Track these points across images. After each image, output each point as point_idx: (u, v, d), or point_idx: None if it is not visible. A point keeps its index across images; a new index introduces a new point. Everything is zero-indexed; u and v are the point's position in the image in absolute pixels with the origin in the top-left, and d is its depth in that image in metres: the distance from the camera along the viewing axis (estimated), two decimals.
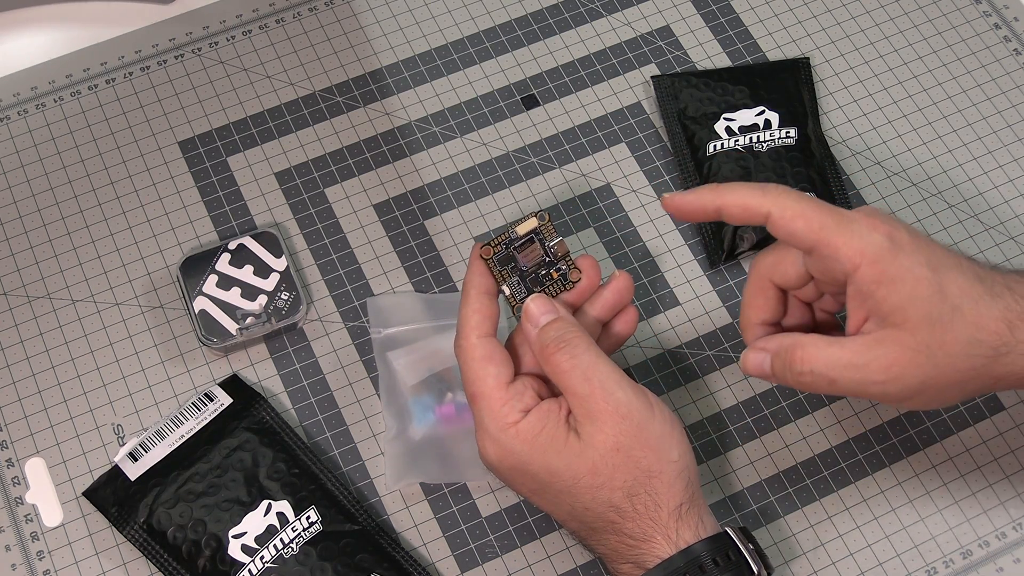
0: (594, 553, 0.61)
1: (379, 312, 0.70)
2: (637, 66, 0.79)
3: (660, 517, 0.57)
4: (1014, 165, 0.76)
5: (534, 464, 0.58)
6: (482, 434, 0.60)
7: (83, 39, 0.79)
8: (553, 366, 0.59)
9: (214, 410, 0.67)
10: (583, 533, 0.60)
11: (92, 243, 0.73)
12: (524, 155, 0.76)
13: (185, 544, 0.63)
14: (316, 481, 0.65)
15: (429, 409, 0.67)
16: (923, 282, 0.55)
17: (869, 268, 0.55)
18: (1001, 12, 0.82)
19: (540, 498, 0.60)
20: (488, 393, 0.59)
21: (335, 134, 0.77)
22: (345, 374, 0.69)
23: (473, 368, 0.60)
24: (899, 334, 0.55)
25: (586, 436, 0.57)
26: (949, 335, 0.55)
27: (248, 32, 0.80)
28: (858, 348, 0.56)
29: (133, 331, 0.70)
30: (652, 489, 0.57)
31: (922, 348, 0.55)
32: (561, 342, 0.59)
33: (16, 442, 0.68)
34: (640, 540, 0.57)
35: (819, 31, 0.81)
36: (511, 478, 0.60)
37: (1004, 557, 0.66)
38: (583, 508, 0.58)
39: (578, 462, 0.57)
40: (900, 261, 0.55)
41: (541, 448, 0.58)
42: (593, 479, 0.57)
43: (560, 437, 0.58)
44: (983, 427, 0.69)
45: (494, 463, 0.60)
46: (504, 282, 0.62)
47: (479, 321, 0.60)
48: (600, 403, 0.57)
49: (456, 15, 0.81)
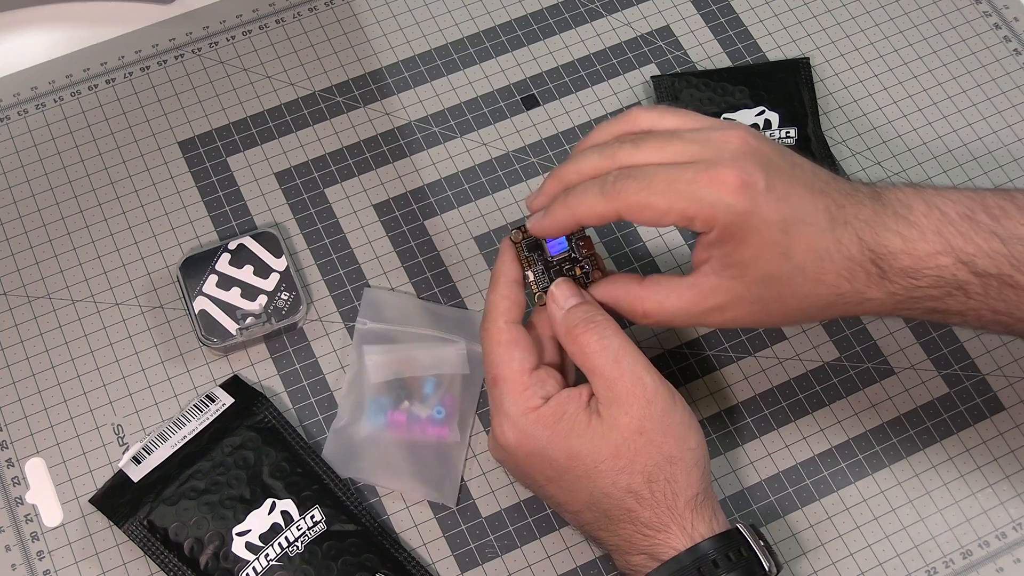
0: (604, 546, 0.61)
1: (372, 304, 0.70)
2: (637, 66, 0.79)
3: (677, 506, 0.57)
4: (1014, 166, 0.76)
5: (554, 448, 0.58)
6: (501, 418, 0.59)
7: (83, 39, 0.79)
8: (581, 346, 0.59)
9: (216, 411, 0.67)
10: (597, 523, 0.59)
11: (92, 243, 0.73)
12: (524, 155, 0.76)
13: (187, 541, 0.63)
14: (318, 481, 0.65)
15: (383, 411, 0.67)
16: (770, 246, 0.56)
17: (721, 232, 0.56)
18: (1001, 12, 0.82)
19: (556, 486, 0.59)
20: (512, 377, 0.59)
21: (335, 134, 0.77)
22: (345, 374, 0.69)
23: (499, 352, 0.60)
24: (735, 285, 0.57)
25: (609, 418, 0.57)
26: (786, 290, 0.57)
27: (248, 32, 0.80)
28: (695, 298, 0.58)
29: (133, 331, 0.70)
30: (672, 476, 0.57)
31: (756, 300, 0.57)
32: (591, 323, 0.59)
33: (16, 442, 0.67)
34: (656, 530, 0.57)
35: (819, 31, 0.81)
36: (528, 464, 0.60)
37: (1004, 557, 0.66)
38: (602, 493, 0.58)
39: (601, 443, 0.57)
40: (753, 223, 0.55)
41: (563, 432, 0.58)
42: (615, 462, 0.57)
43: (582, 421, 0.58)
44: (983, 427, 0.69)
45: (512, 447, 0.59)
46: (529, 268, 0.63)
47: (507, 307, 0.61)
48: (628, 385, 0.57)
49: (456, 15, 0.81)
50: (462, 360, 0.68)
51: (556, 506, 0.61)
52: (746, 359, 0.70)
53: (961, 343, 0.71)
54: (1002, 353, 0.71)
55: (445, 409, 0.67)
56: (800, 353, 0.71)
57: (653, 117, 0.60)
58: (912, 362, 0.71)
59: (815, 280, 0.56)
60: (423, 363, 0.68)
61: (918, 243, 0.56)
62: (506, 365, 0.59)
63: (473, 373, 0.68)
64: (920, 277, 0.56)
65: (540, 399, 0.59)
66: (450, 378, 0.68)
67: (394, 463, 0.66)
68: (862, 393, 0.70)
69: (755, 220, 0.55)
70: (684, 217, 0.56)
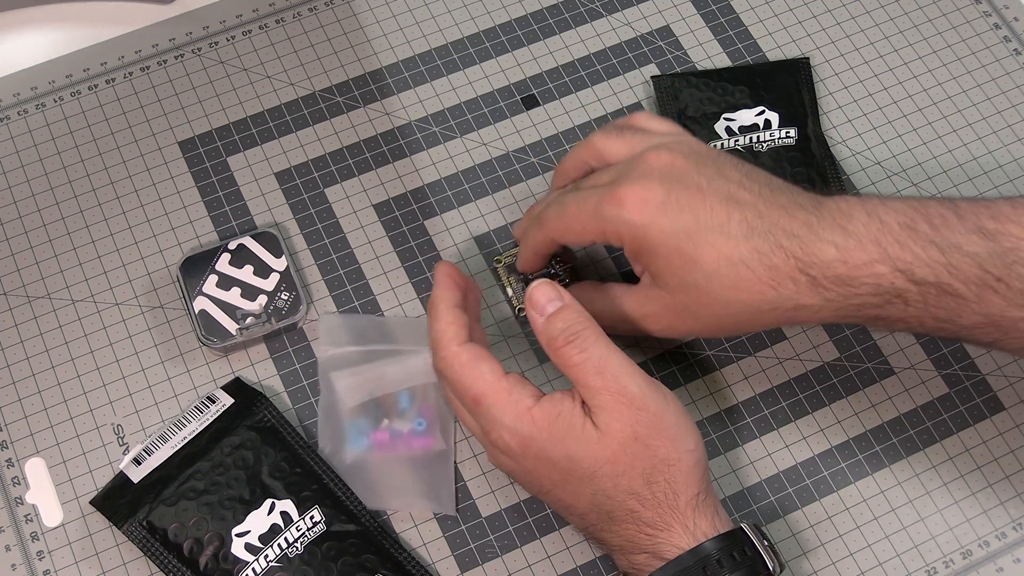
0: (606, 547, 0.61)
1: (330, 330, 0.70)
2: (637, 66, 0.79)
3: (678, 505, 0.57)
4: (1014, 165, 0.76)
5: (555, 451, 0.58)
6: (498, 430, 0.59)
7: (83, 39, 0.79)
8: (563, 359, 0.58)
9: (216, 411, 0.67)
10: (601, 524, 0.59)
11: (92, 243, 0.73)
12: (524, 155, 0.76)
13: (187, 542, 0.63)
14: (318, 481, 0.65)
15: (364, 434, 0.66)
16: (674, 253, 0.59)
17: (630, 245, 0.61)
18: (1001, 12, 0.82)
19: (562, 489, 0.59)
20: (491, 390, 0.59)
21: (335, 134, 0.77)
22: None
23: (465, 373, 0.59)
24: (662, 294, 0.61)
25: (603, 425, 0.57)
26: (706, 297, 0.59)
27: (248, 32, 0.80)
28: (634, 304, 0.63)
29: (133, 331, 0.70)
30: (671, 477, 0.57)
31: (682, 308, 0.61)
32: (570, 335, 0.58)
33: (16, 442, 0.68)
34: (658, 529, 0.57)
35: (819, 31, 0.81)
36: (535, 469, 0.59)
37: (1004, 557, 0.66)
38: (604, 496, 0.58)
39: (597, 450, 0.57)
40: (653, 234, 0.59)
41: (559, 435, 0.58)
42: (613, 467, 0.57)
43: (577, 424, 0.58)
44: (983, 427, 0.69)
45: (517, 452, 0.59)
46: (509, 286, 0.69)
47: (456, 332, 0.60)
48: (615, 395, 0.57)
49: (456, 15, 0.81)
50: (430, 368, 0.68)
51: (563, 509, 0.61)
52: (746, 359, 0.70)
53: (961, 343, 0.71)
54: (1002, 353, 0.71)
55: (425, 420, 0.66)
56: (800, 353, 0.71)
57: (606, 142, 0.65)
58: (912, 362, 0.71)
59: (733, 287, 0.58)
60: (394, 378, 0.67)
61: (854, 252, 0.57)
62: (480, 380, 0.59)
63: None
64: (857, 285, 0.57)
65: (530, 398, 0.58)
66: (423, 388, 0.67)
67: (387, 483, 0.66)
68: (862, 393, 0.70)
69: (654, 232, 0.59)
70: (599, 235, 0.61)
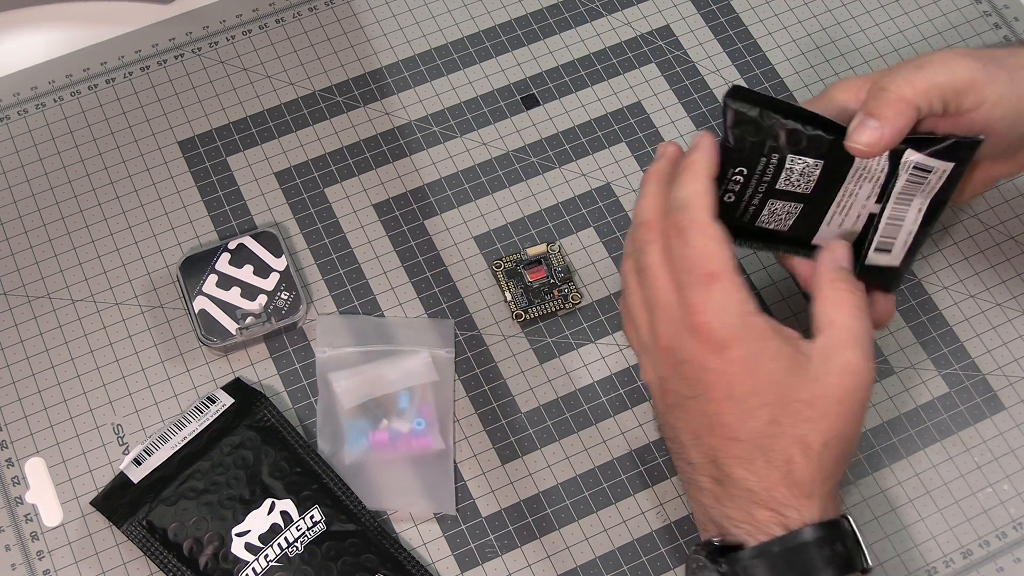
0: (720, 488, 0.58)
1: (328, 331, 0.70)
2: (637, 66, 0.79)
3: (828, 482, 0.56)
4: None
5: (761, 362, 0.56)
6: (715, 314, 0.56)
7: (83, 39, 0.79)
8: (836, 291, 0.58)
9: (216, 411, 0.67)
10: (745, 457, 0.56)
11: (92, 243, 0.73)
12: (524, 155, 0.76)
13: (187, 542, 0.63)
14: (318, 480, 0.65)
15: (363, 434, 0.67)
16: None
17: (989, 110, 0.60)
18: (1001, 12, 0.82)
19: (736, 403, 0.56)
20: (730, 275, 0.56)
21: (335, 134, 0.77)
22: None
23: (713, 247, 0.56)
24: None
25: (821, 368, 0.56)
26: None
27: (248, 32, 0.80)
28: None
29: (133, 331, 0.70)
30: (841, 454, 0.57)
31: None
32: (853, 284, 0.58)
33: (16, 442, 0.68)
34: (802, 494, 0.56)
35: (819, 31, 0.81)
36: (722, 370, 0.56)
37: (1004, 557, 0.66)
38: (778, 430, 0.56)
39: (802, 384, 0.56)
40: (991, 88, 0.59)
41: (772, 352, 0.56)
42: (806, 411, 0.56)
43: (789, 353, 0.56)
44: (983, 427, 0.69)
45: (716, 347, 0.56)
46: (507, 291, 0.71)
47: (711, 204, 0.57)
48: (853, 348, 0.56)
49: (456, 15, 0.81)
50: (429, 368, 0.68)
51: (708, 426, 0.58)
52: None
53: (961, 343, 0.71)
54: (1002, 353, 0.71)
55: (424, 420, 0.67)
56: None
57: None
58: (912, 362, 0.71)
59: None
60: (392, 379, 0.67)
61: None
62: (726, 262, 0.56)
63: (443, 379, 0.68)
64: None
65: (754, 305, 0.56)
66: (422, 388, 0.67)
67: (387, 483, 0.66)
68: None
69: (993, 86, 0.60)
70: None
